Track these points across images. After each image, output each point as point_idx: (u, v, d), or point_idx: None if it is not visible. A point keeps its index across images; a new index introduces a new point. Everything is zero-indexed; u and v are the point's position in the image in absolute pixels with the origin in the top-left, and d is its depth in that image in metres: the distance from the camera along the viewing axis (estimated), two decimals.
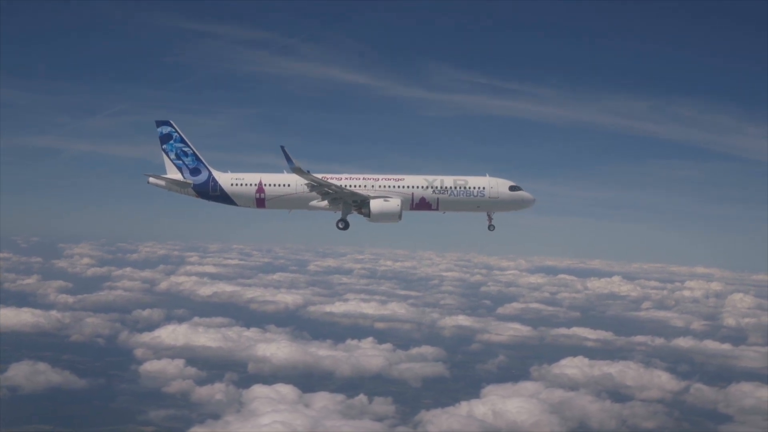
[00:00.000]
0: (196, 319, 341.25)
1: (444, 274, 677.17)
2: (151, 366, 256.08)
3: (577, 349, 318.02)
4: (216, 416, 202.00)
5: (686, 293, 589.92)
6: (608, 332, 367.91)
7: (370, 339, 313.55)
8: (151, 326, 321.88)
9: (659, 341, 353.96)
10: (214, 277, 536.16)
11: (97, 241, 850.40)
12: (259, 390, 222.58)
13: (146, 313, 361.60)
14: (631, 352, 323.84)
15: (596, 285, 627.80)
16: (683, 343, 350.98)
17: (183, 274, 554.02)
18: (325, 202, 77.64)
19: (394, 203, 75.44)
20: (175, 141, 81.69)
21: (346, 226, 78.60)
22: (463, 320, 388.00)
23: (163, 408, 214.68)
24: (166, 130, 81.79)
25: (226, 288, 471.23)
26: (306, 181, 75.51)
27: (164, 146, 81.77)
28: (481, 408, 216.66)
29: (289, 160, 69.84)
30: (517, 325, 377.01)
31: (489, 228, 78.47)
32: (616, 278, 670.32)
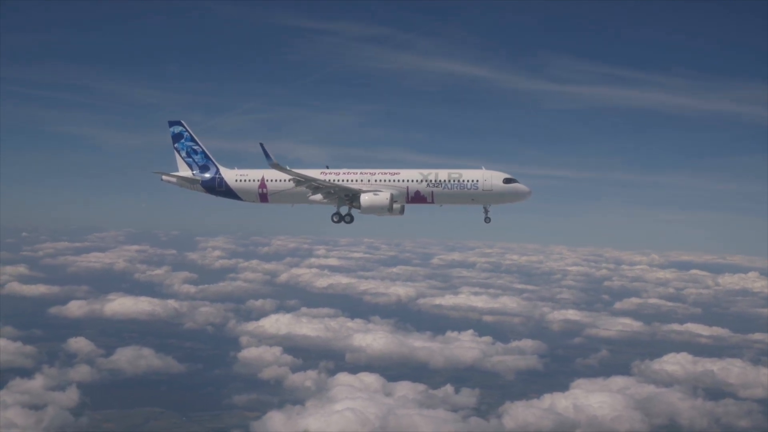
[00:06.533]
0: (303, 309, 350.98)
1: (569, 268, 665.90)
2: (249, 353, 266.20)
3: (687, 345, 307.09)
4: (298, 402, 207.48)
5: None
6: (725, 329, 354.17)
7: (470, 331, 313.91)
8: (261, 316, 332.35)
9: None
10: (335, 270, 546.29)
11: (233, 235, 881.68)
12: (343, 378, 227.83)
13: (259, 303, 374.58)
14: (744, 349, 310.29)
15: (728, 281, 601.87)
16: None
17: (306, 266, 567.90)
18: (319, 196, 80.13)
19: (384, 196, 77.18)
20: (186, 140, 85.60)
21: (341, 219, 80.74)
22: (572, 315, 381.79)
23: (249, 393, 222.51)
24: (177, 129, 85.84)
25: (342, 280, 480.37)
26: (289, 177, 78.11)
27: (176, 145, 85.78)
28: (563, 402, 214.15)
29: (267, 156, 72.55)
30: (628, 320, 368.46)
31: (485, 220, 79.04)
32: (752, 274, 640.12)
